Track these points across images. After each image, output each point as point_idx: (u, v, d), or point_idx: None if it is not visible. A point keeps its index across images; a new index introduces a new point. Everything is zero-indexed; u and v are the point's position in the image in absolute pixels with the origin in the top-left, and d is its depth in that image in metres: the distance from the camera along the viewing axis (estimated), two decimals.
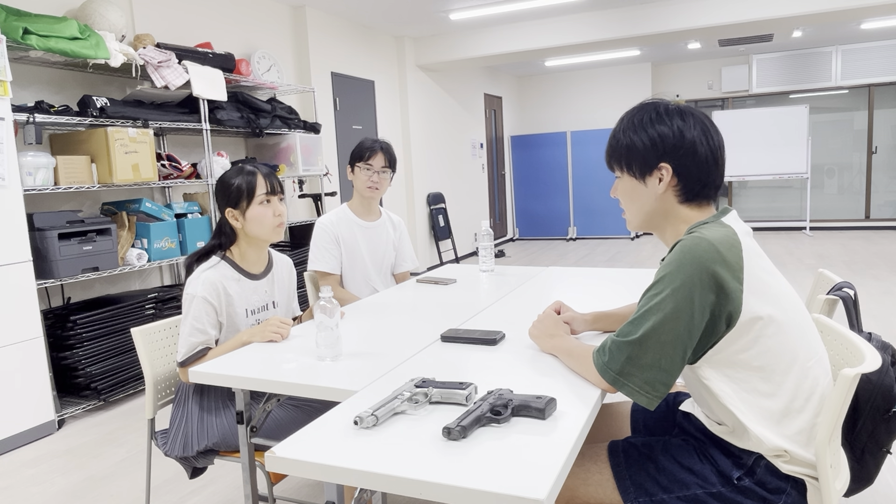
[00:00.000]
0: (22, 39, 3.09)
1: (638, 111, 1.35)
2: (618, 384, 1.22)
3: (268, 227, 1.95)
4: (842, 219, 9.57)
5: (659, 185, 1.31)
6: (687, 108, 1.32)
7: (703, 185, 1.30)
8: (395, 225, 2.84)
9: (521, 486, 0.93)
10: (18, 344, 3.07)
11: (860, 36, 8.44)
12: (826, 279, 1.83)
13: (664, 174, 1.30)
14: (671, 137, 1.29)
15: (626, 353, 1.21)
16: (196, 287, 1.85)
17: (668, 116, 1.30)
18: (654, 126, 1.30)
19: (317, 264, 2.63)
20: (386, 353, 1.62)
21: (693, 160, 1.28)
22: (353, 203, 2.75)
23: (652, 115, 1.32)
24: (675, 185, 1.30)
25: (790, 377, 1.18)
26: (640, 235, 9.90)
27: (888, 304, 4.87)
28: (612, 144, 1.38)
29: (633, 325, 1.21)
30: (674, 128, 1.29)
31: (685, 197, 1.31)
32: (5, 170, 3.01)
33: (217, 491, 2.51)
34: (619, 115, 1.40)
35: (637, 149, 1.32)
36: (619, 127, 1.37)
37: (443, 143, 7.93)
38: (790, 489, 1.19)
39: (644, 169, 1.32)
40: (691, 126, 1.29)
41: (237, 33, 4.96)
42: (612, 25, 6.33)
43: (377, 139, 2.68)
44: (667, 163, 1.29)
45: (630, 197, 1.37)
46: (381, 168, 2.64)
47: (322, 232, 2.64)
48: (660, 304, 1.18)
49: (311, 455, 1.06)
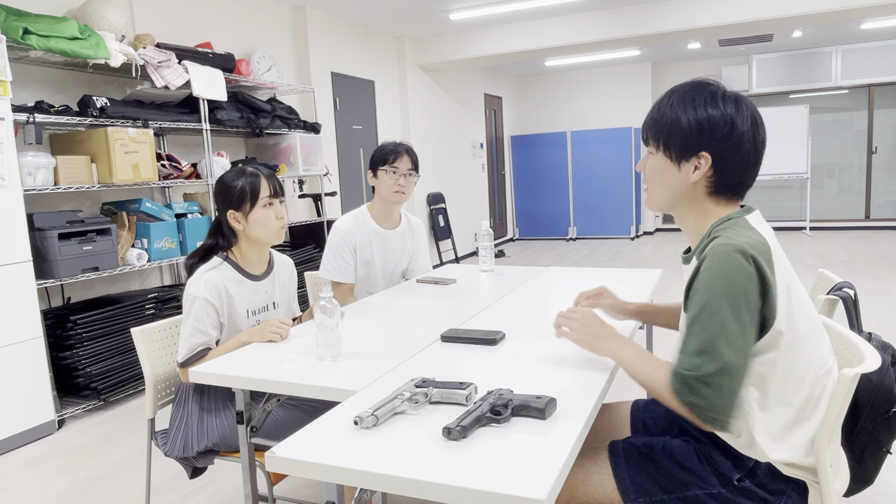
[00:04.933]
0: (22, 39, 3.09)
1: (692, 87, 1.24)
2: (712, 422, 1.13)
3: (271, 230, 1.94)
4: (842, 219, 9.57)
5: (693, 174, 1.23)
6: (742, 98, 1.23)
7: (738, 182, 1.23)
8: (414, 230, 2.73)
9: (521, 486, 0.93)
10: (18, 344, 3.07)
11: (860, 36, 8.44)
12: (826, 279, 1.83)
13: (702, 163, 1.22)
14: (721, 125, 1.19)
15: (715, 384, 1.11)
16: (198, 288, 1.85)
17: (724, 102, 1.21)
18: (705, 108, 1.20)
19: (331, 273, 2.51)
20: (386, 353, 1.62)
21: (735, 155, 1.20)
22: (374, 207, 2.61)
23: (706, 95, 1.22)
24: (710, 176, 1.23)
25: (803, 387, 1.17)
26: (640, 235, 9.90)
27: (888, 304, 4.87)
28: (654, 117, 1.27)
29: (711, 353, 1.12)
30: (727, 115, 1.19)
31: (716, 189, 1.24)
32: (5, 170, 3.01)
33: (217, 491, 2.51)
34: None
35: (681, 128, 1.22)
36: (667, 99, 1.25)
37: (443, 143, 7.93)
38: (790, 490, 1.19)
39: (683, 152, 1.23)
40: (745, 118, 1.20)
41: (237, 33, 4.96)
42: (612, 25, 6.33)
43: (399, 142, 2.57)
44: (708, 152, 1.21)
45: (659, 177, 1.29)
46: (408, 171, 2.53)
47: (339, 239, 2.51)
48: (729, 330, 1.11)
49: (311, 455, 1.06)
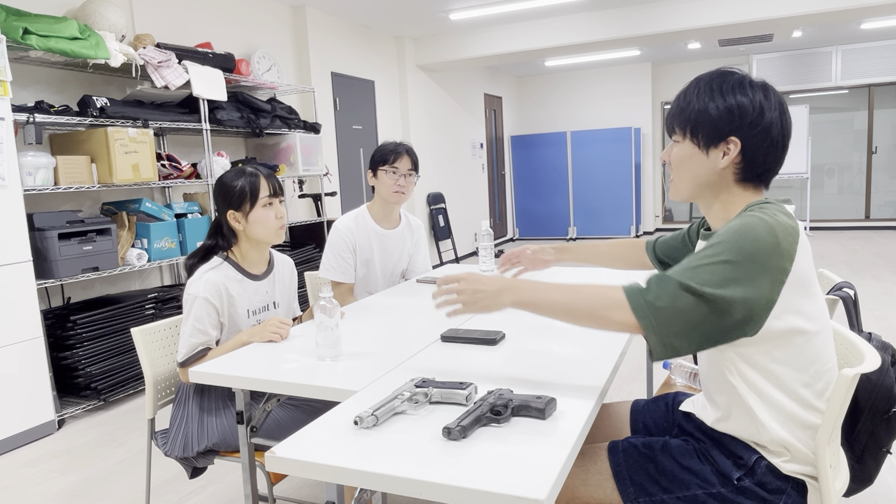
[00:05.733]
0: (22, 39, 3.09)
1: (718, 76, 1.25)
2: (641, 311, 1.14)
3: (271, 230, 1.95)
4: (842, 219, 9.57)
5: (722, 160, 1.23)
6: (770, 86, 1.24)
7: (765, 169, 1.24)
8: (413, 230, 2.74)
9: (521, 486, 0.93)
10: (18, 344, 3.07)
11: (860, 36, 8.44)
12: (826, 279, 1.83)
13: (731, 149, 1.22)
14: (751, 112, 1.20)
15: (670, 291, 1.12)
16: (198, 288, 1.85)
17: (752, 89, 1.22)
18: (734, 95, 1.21)
19: (332, 273, 2.52)
20: (386, 353, 1.62)
21: (764, 141, 1.21)
22: (374, 207, 2.62)
23: (734, 83, 1.23)
24: (738, 162, 1.23)
25: (805, 376, 1.17)
26: (640, 235, 9.89)
27: (888, 304, 4.87)
28: (680, 105, 1.28)
29: (694, 271, 1.12)
30: (755, 102, 1.20)
31: (743, 176, 1.24)
32: (5, 170, 3.01)
33: (217, 491, 2.51)
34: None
35: (710, 115, 1.22)
36: (693, 88, 1.26)
37: (443, 143, 7.93)
38: (790, 489, 1.19)
39: (711, 139, 1.23)
40: (773, 105, 1.21)
41: (237, 33, 4.96)
42: (612, 25, 6.33)
43: (399, 142, 2.57)
44: (738, 137, 1.21)
45: (685, 165, 1.29)
46: (408, 171, 2.53)
47: (339, 239, 2.53)
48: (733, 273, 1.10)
49: (311, 455, 1.06)
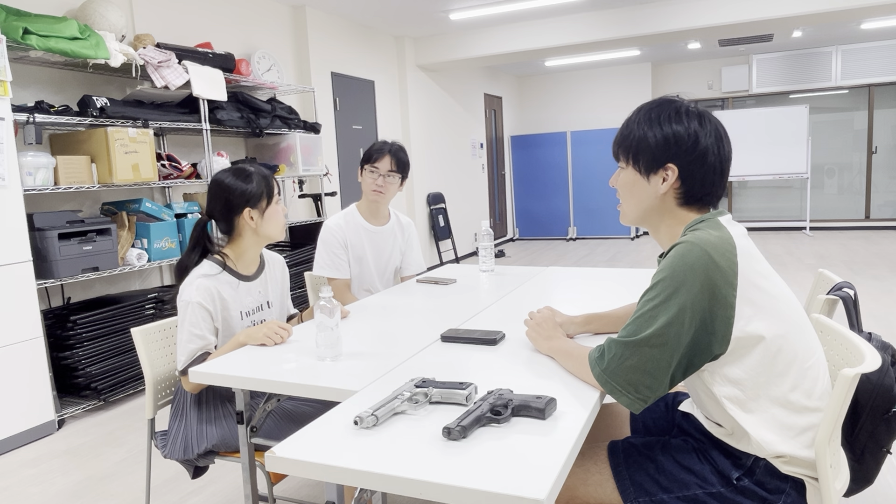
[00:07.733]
0: (22, 39, 3.09)
1: (657, 106, 1.32)
2: (601, 380, 1.23)
3: (281, 225, 2.03)
4: (842, 219, 9.57)
5: (662, 185, 1.30)
6: (706, 113, 1.31)
7: (705, 193, 1.30)
8: (404, 227, 2.77)
9: (521, 486, 0.93)
10: (18, 344, 3.07)
11: (860, 36, 8.44)
12: (826, 279, 1.83)
13: (669, 175, 1.29)
14: (685, 140, 1.27)
15: (616, 353, 1.22)
16: (190, 293, 1.84)
17: (687, 118, 1.29)
18: (670, 124, 1.28)
19: (325, 270, 2.55)
20: (386, 353, 1.62)
21: (701, 167, 1.27)
22: (362, 205, 2.67)
23: (671, 112, 1.30)
24: (678, 187, 1.30)
25: (787, 379, 1.18)
26: (640, 235, 9.90)
27: (888, 304, 4.87)
28: (623, 134, 1.36)
29: (629, 327, 1.22)
30: (690, 130, 1.27)
31: (685, 200, 1.31)
32: (5, 170, 3.01)
33: (217, 491, 2.51)
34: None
35: (648, 144, 1.30)
36: (635, 118, 1.34)
37: (443, 143, 7.93)
38: (789, 489, 1.19)
39: (651, 165, 1.31)
40: (708, 132, 1.28)
41: (237, 33, 4.96)
42: (612, 25, 6.33)
43: (389, 142, 2.59)
44: (675, 164, 1.28)
45: (630, 190, 1.36)
46: (388, 172, 2.56)
47: (330, 236, 2.57)
48: (654, 311, 1.18)
49: (311, 455, 1.06)
